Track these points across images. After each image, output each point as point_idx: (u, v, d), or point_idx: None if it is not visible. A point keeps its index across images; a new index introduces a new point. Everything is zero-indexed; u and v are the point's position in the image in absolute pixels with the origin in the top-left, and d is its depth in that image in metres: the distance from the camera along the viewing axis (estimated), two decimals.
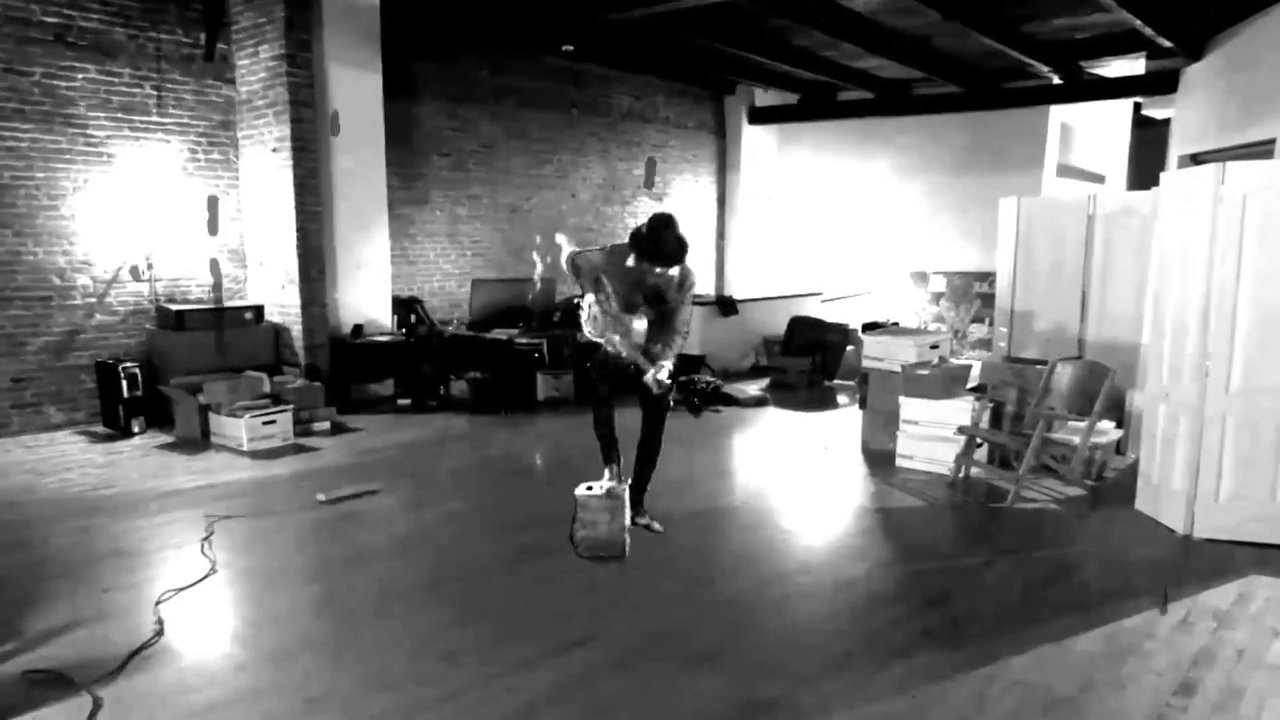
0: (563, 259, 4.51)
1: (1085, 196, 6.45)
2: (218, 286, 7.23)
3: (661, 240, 4.08)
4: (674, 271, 4.20)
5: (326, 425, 6.67)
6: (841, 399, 8.38)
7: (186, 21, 6.92)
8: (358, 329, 7.53)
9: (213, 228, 6.83)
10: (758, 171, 11.83)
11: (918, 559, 4.21)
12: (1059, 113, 10.07)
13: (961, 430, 5.40)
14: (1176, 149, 8.24)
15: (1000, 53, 8.23)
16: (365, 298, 7.70)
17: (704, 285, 11.43)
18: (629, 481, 4.36)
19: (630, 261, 4.16)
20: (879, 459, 5.96)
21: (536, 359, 7.85)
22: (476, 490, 5.28)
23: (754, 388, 8.47)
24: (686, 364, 8.18)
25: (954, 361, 6.44)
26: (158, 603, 3.59)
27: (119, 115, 6.66)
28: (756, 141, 11.77)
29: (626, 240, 4.18)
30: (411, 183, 8.52)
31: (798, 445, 6.47)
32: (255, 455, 5.94)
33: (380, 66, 7.49)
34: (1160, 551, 4.35)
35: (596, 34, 8.53)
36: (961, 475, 5.43)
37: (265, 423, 6.16)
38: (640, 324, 4.23)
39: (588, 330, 4.35)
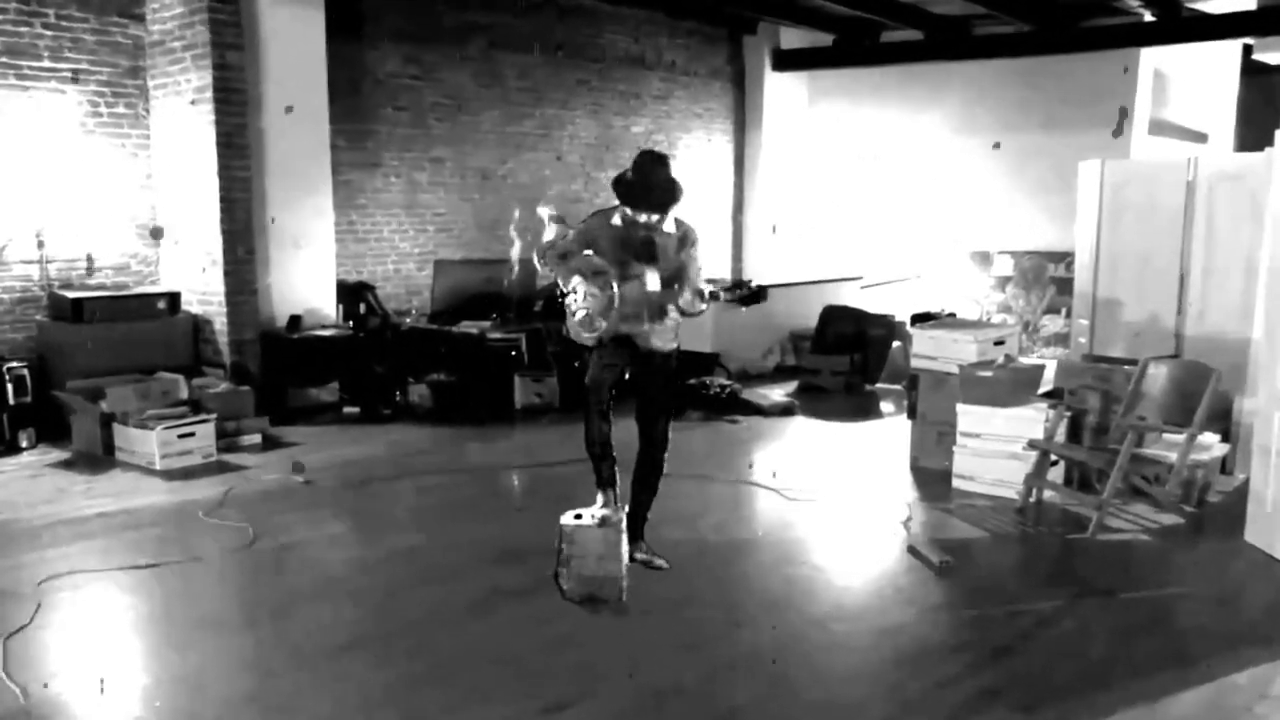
0: (535, 256, 4.47)
1: (1184, 160, 6.44)
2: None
3: (650, 178, 4.13)
4: (670, 227, 4.23)
5: (257, 439, 6.65)
6: (886, 407, 8.36)
7: None
8: (295, 321, 7.51)
9: None
10: (783, 128, 11.82)
11: (978, 602, 4.19)
12: (1151, 57, 10.05)
13: (1033, 445, 5.39)
14: None
15: None
16: (304, 283, 7.69)
17: (719, 268, 11.42)
18: (626, 509, 4.35)
19: (616, 219, 4.22)
20: (931, 480, 5.94)
21: (514, 358, 7.84)
22: (440, 519, 5.27)
23: (779, 393, 8.46)
24: (696, 364, 8.17)
25: (1023, 361, 6.43)
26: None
27: (1, 60, 6.64)
28: (782, 92, 11.76)
29: (602, 208, 4.22)
30: (360, 142, 8.51)
31: (832, 462, 6.45)
32: (169, 475, 5.92)
33: (322, 0, 7.49)
34: (1275, 592, 4.33)
35: None
36: (1032, 499, 5.42)
37: (181, 435, 6.14)
38: (649, 282, 4.18)
39: (578, 332, 4.30)
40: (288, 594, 4.22)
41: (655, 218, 4.20)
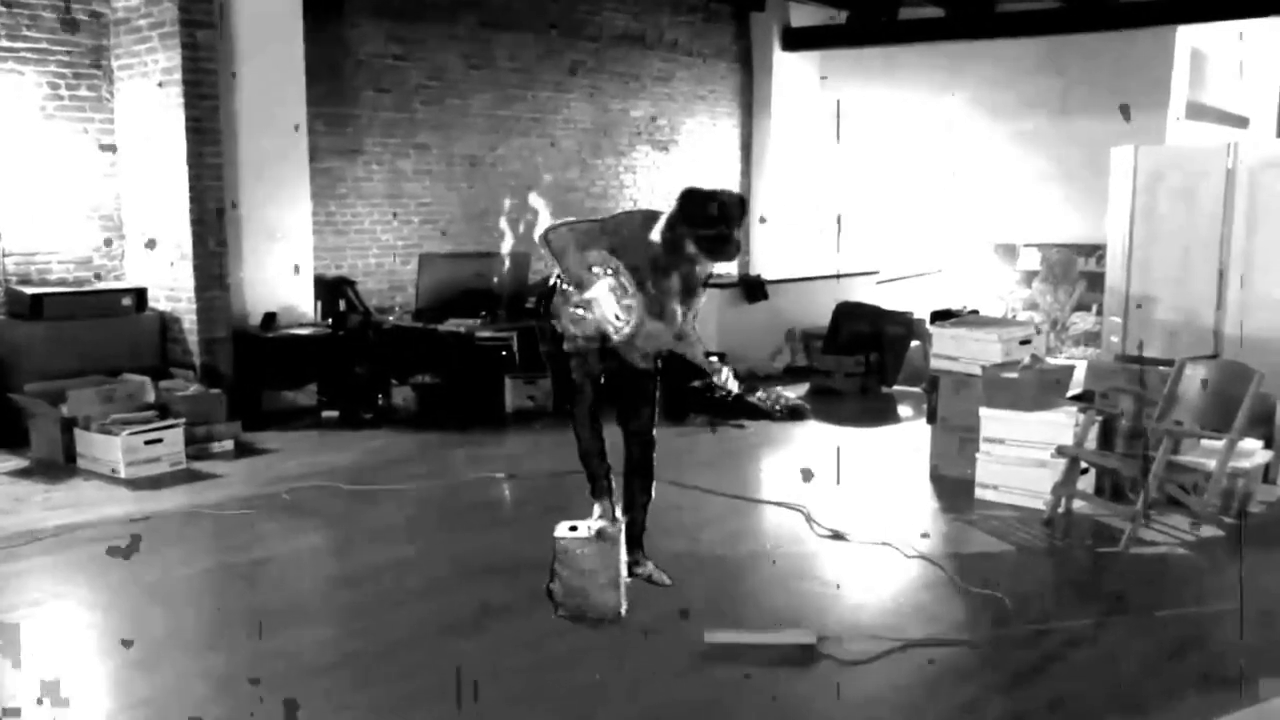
0: (536, 234, 4.30)
1: (1223, 146, 6.45)
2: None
3: (733, 227, 3.89)
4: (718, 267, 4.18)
5: (229, 445, 6.66)
6: (904, 410, 8.36)
7: None
8: (270, 319, 7.52)
9: None
10: (794, 112, 11.83)
11: (1004, 619, 4.18)
12: (1188, 35, 10.06)
13: (1061, 452, 5.39)
14: None
15: None
16: (280, 278, 7.70)
17: (725, 265, 11.41)
18: (624, 519, 4.35)
19: (656, 236, 4.00)
20: (952, 489, 5.94)
21: (504, 358, 7.84)
22: (426, 531, 5.27)
23: (789, 395, 8.47)
24: (699, 366, 8.16)
25: (1051, 362, 6.44)
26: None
27: None
28: (792, 73, 11.77)
29: (633, 209, 4.14)
30: (341, 128, 8.52)
31: (846, 470, 6.45)
32: (135, 484, 5.93)
33: None
34: None
35: None
36: (1061, 510, 5.42)
37: (148, 442, 6.14)
38: (674, 325, 4.16)
39: (572, 333, 4.25)
40: (262, 611, 4.21)
41: (710, 265, 4.12)
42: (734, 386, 4.26)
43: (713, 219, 3.88)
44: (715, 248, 3.93)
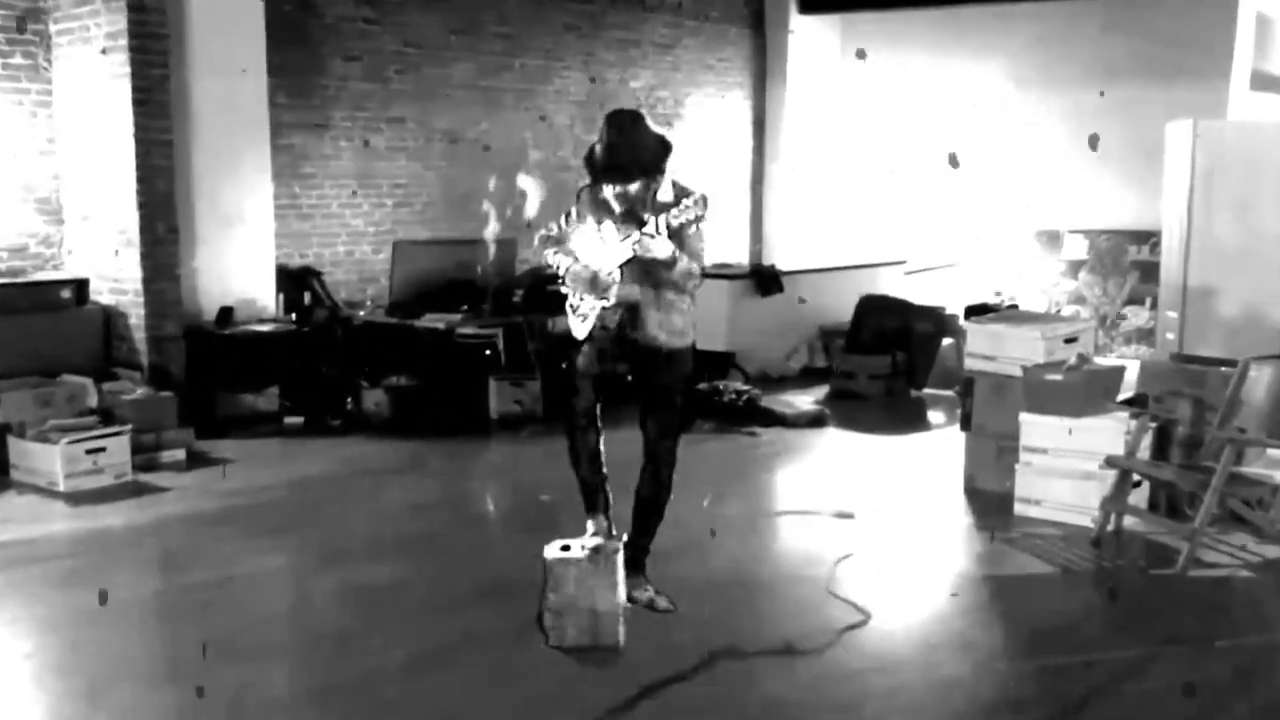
0: (536, 239, 4.59)
1: None
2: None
3: (613, 143, 4.15)
4: (665, 195, 4.21)
5: (181, 455, 6.65)
6: (934, 416, 8.36)
7: None
8: (226, 314, 7.52)
9: None
10: (812, 83, 11.83)
11: (1046, 650, 4.19)
12: None
13: (1111, 463, 5.39)
14: None
15: None
16: (238, 268, 7.69)
17: (736, 251, 11.43)
18: (624, 538, 4.35)
19: (604, 192, 4.26)
20: (989, 504, 5.94)
21: (489, 358, 7.83)
22: (401, 550, 5.26)
23: (806, 400, 8.47)
24: (708, 366, 8.17)
25: (1100, 362, 6.44)
26: None
27: None
28: (811, 40, 11.77)
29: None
30: (306, 99, 8.51)
31: (871, 484, 6.46)
32: (75, 498, 5.92)
33: None
34: None
35: None
36: (1111, 528, 5.42)
37: (90, 451, 6.13)
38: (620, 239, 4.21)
39: (576, 323, 4.33)
40: (218, 640, 4.21)
41: (633, 188, 4.19)
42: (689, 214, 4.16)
43: (592, 149, 4.23)
44: (600, 168, 4.20)
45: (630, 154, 4.16)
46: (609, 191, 4.23)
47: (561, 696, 3.78)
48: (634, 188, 4.19)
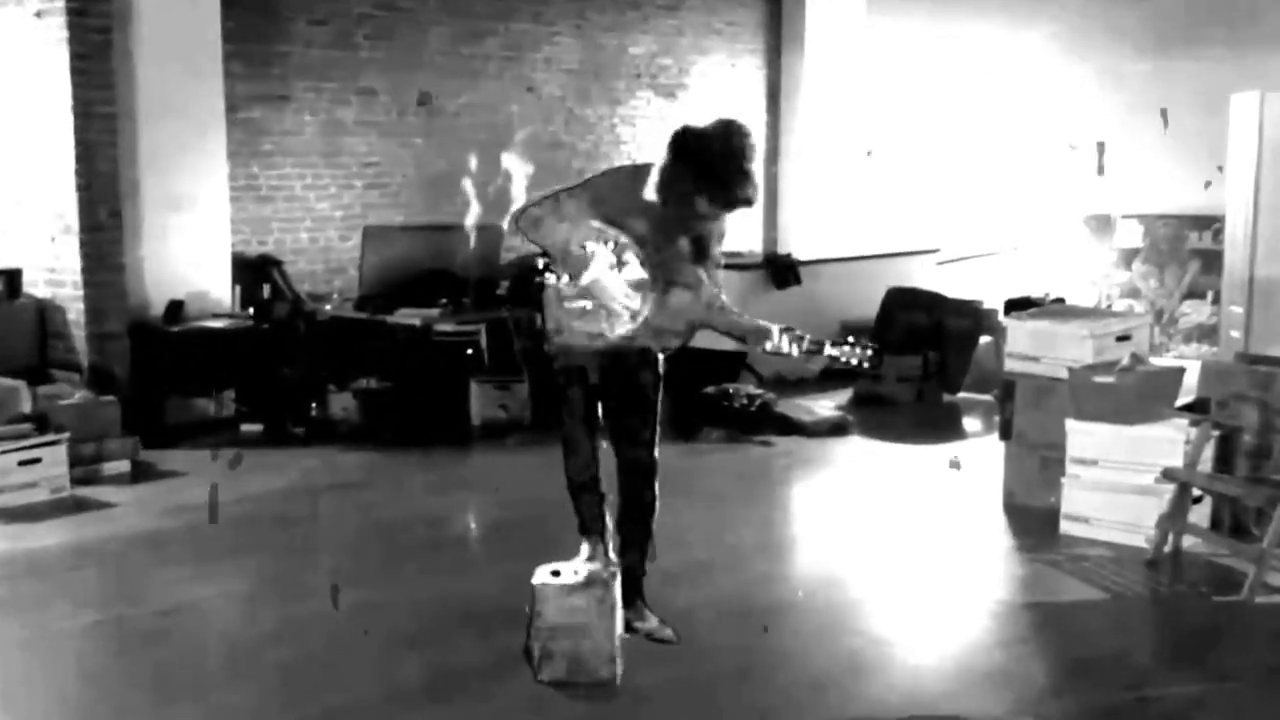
0: (507, 219, 4.44)
1: None
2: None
3: (743, 161, 3.92)
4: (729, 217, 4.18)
5: (125, 466, 6.68)
6: (970, 424, 8.39)
7: None
8: (176, 308, 7.54)
9: None
10: (832, 51, 11.83)
11: (1096, 685, 4.20)
12: None
13: (1169, 475, 5.42)
14: None
15: None
16: (189, 258, 7.71)
17: (748, 238, 11.44)
18: (620, 563, 4.38)
19: (650, 194, 4.04)
20: (1032, 521, 5.96)
21: (470, 357, 7.85)
22: (373, 574, 5.28)
23: (826, 405, 8.49)
24: (716, 368, 8.19)
25: (1156, 363, 6.47)
26: None
27: None
28: (831, 2, 11.78)
29: (618, 166, 4.16)
30: (265, 68, 8.53)
31: (899, 498, 6.49)
32: (7, 515, 5.93)
33: None
34: None
35: None
36: (1168, 549, 5.44)
37: (23, 463, 6.15)
38: (696, 294, 4.15)
39: (575, 329, 4.25)
40: (166, 675, 4.24)
41: (725, 220, 4.14)
42: (851, 358, 4.11)
43: (717, 158, 3.91)
44: (728, 193, 3.95)
45: (754, 183, 3.98)
46: (703, 207, 4.00)
47: None
48: (725, 220, 4.14)
